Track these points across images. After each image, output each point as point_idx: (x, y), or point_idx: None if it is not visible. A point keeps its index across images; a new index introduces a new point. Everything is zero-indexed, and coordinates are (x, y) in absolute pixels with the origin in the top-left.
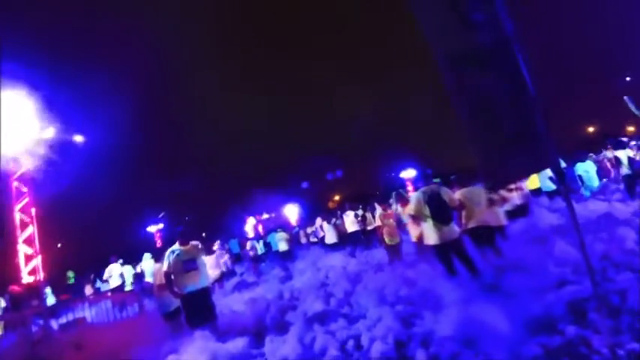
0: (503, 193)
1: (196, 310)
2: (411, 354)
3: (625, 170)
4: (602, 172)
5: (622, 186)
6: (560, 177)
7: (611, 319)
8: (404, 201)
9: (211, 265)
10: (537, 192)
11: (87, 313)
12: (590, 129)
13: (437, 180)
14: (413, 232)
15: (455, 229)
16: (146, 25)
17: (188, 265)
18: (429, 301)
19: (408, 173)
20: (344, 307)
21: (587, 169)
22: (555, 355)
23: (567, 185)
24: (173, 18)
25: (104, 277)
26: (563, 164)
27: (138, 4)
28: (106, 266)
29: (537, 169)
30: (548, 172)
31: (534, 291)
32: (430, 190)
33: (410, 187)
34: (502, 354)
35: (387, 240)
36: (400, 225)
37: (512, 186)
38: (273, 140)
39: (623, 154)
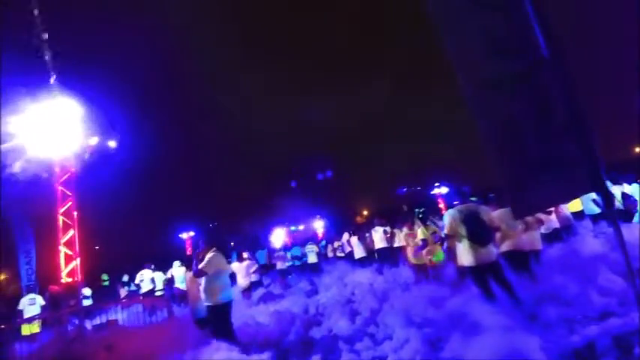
0: (539, 215)
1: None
2: None
3: None
4: None
5: None
6: (607, 200)
7: None
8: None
9: (242, 275)
10: (580, 215)
11: (119, 315)
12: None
13: (474, 198)
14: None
15: (493, 250)
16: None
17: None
18: (458, 324)
19: (441, 190)
20: (370, 326)
21: (635, 193)
22: None
23: (616, 209)
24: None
25: (136, 281)
26: (611, 188)
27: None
28: (138, 270)
29: (570, 197)
30: (592, 194)
31: (574, 322)
32: (467, 208)
33: (442, 205)
34: None
35: (411, 260)
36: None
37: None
38: (305, 148)
39: None
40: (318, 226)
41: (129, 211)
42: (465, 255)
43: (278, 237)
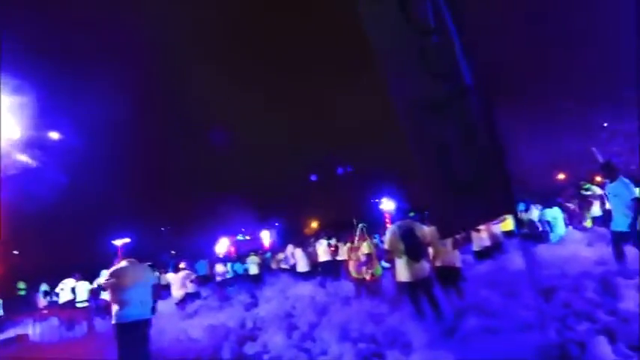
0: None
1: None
2: None
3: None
4: (569, 219)
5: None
6: (517, 223)
7: None
8: (362, 237)
9: (176, 286)
10: (511, 233)
11: (31, 329)
12: (561, 176)
13: (412, 214)
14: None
15: (426, 266)
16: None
17: None
18: (393, 340)
19: (388, 205)
20: (306, 342)
21: (555, 216)
22: None
23: (532, 230)
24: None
25: (56, 291)
26: (524, 210)
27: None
28: (60, 278)
29: (492, 217)
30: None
31: (498, 334)
32: (405, 224)
33: (387, 220)
34: None
35: (353, 274)
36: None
37: (481, 227)
38: (258, 156)
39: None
40: (265, 236)
41: (56, 214)
42: (401, 270)
43: (222, 247)
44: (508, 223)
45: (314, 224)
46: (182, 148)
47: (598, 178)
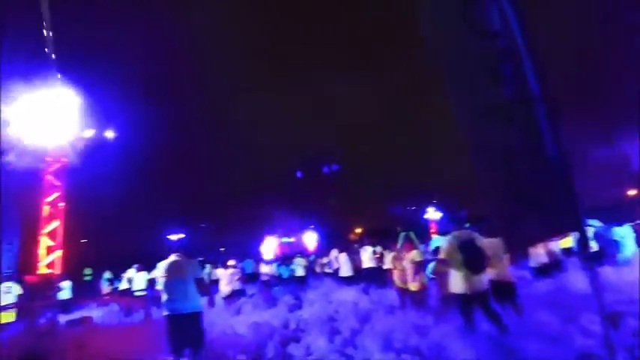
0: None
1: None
2: None
3: None
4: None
5: None
6: (582, 242)
7: None
8: (410, 246)
9: (225, 282)
10: (570, 251)
11: (94, 313)
12: (632, 192)
13: (467, 225)
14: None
15: (484, 279)
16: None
17: None
18: (438, 355)
19: (433, 214)
20: (348, 348)
21: (624, 234)
22: None
23: (602, 250)
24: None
25: (120, 278)
26: (596, 227)
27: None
28: (123, 268)
29: (558, 233)
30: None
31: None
32: (463, 234)
33: (433, 230)
34: None
35: (397, 283)
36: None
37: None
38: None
39: None
40: (310, 239)
41: (119, 208)
42: (457, 282)
43: (268, 247)
44: (567, 240)
45: (357, 230)
46: (233, 151)
47: None
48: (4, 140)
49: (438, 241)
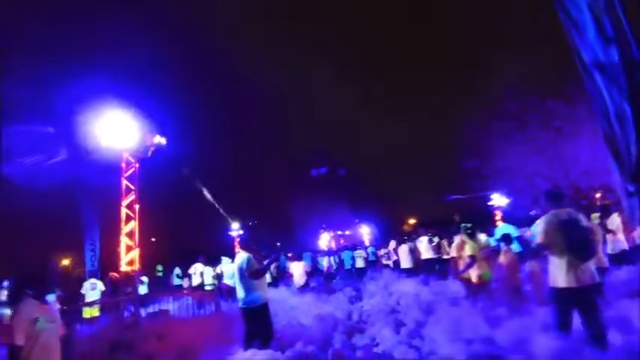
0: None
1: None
2: None
3: None
4: None
5: None
6: None
7: None
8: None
9: (299, 273)
10: None
11: (170, 306)
12: None
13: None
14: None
15: (594, 270)
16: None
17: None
18: (517, 346)
19: (499, 200)
20: (415, 339)
21: None
22: None
23: None
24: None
25: (189, 273)
26: None
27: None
28: (190, 263)
29: None
30: None
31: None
32: (566, 213)
33: (498, 217)
34: None
35: (459, 274)
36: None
37: (616, 225)
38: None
39: None
40: (364, 232)
41: (183, 207)
42: (561, 273)
43: (324, 241)
44: None
45: (411, 221)
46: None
47: None
48: (84, 149)
49: (503, 229)
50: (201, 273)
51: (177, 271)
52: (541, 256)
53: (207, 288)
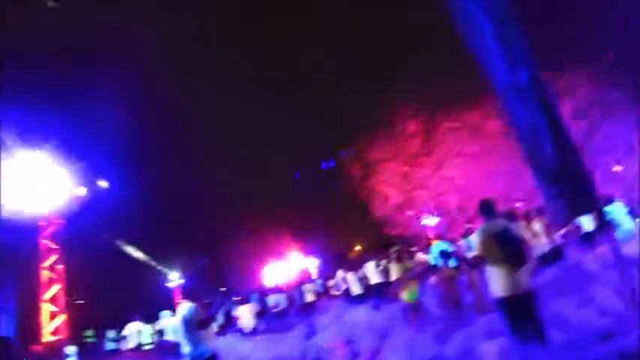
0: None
1: None
2: None
3: None
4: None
5: None
6: (600, 218)
7: None
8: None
9: (247, 317)
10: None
11: None
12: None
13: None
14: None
15: (529, 277)
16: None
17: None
18: (465, 355)
19: (430, 220)
20: None
21: (617, 210)
22: None
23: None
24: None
25: (123, 334)
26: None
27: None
28: (125, 324)
29: (580, 212)
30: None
31: (577, 346)
32: (499, 224)
33: (431, 237)
34: None
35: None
36: None
37: (538, 230)
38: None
39: None
40: (311, 265)
41: (112, 263)
42: (499, 282)
43: (270, 278)
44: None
45: (357, 248)
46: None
47: None
48: None
49: (438, 246)
50: (138, 332)
51: (111, 334)
52: (479, 267)
53: (146, 348)
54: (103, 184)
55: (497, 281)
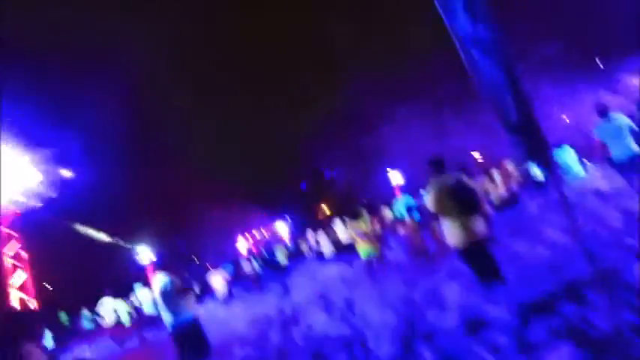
0: (485, 183)
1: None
2: (418, 350)
3: None
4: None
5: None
6: (550, 164)
7: (608, 296)
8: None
9: (221, 283)
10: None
11: (87, 353)
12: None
13: None
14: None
15: (483, 224)
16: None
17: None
18: (431, 298)
19: (394, 175)
20: (347, 314)
21: (566, 155)
22: (557, 334)
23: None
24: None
25: (98, 312)
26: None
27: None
28: (97, 300)
29: (534, 159)
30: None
31: (530, 278)
32: (451, 178)
33: (399, 194)
34: (506, 339)
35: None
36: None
37: (497, 180)
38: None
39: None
40: (282, 228)
41: (81, 246)
42: (454, 233)
43: (242, 244)
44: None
45: (326, 209)
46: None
47: None
48: None
49: (403, 200)
50: (114, 308)
51: (86, 313)
52: (437, 220)
53: (125, 323)
54: (66, 171)
55: (452, 233)
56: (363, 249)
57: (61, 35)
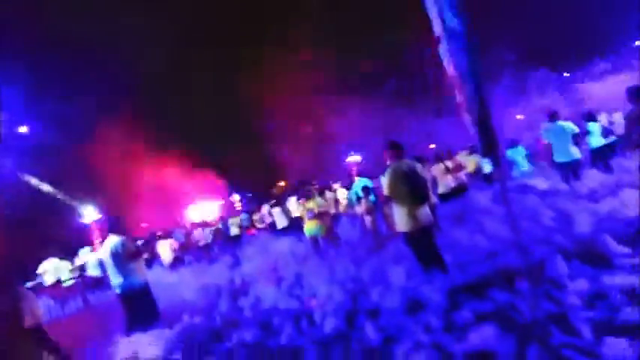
0: (435, 173)
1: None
2: (361, 326)
3: None
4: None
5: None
6: (498, 161)
7: (533, 286)
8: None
9: (167, 251)
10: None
11: None
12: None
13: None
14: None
15: (429, 212)
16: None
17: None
18: (377, 277)
19: (354, 158)
20: (295, 288)
21: (517, 154)
22: (486, 318)
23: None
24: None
25: (39, 272)
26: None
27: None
28: (40, 262)
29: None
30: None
31: (467, 264)
32: (406, 164)
33: (354, 173)
34: (439, 321)
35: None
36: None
37: (449, 165)
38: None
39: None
40: (236, 199)
41: (24, 206)
42: (403, 219)
43: (195, 213)
44: (472, 164)
45: (280, 184)
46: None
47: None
48: None
49: (361, 182)
50: (55, 268)
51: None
52: (389, 203)
53: (67, 284)
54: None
55: (400, 218)
56: (309, 228)
57: None
